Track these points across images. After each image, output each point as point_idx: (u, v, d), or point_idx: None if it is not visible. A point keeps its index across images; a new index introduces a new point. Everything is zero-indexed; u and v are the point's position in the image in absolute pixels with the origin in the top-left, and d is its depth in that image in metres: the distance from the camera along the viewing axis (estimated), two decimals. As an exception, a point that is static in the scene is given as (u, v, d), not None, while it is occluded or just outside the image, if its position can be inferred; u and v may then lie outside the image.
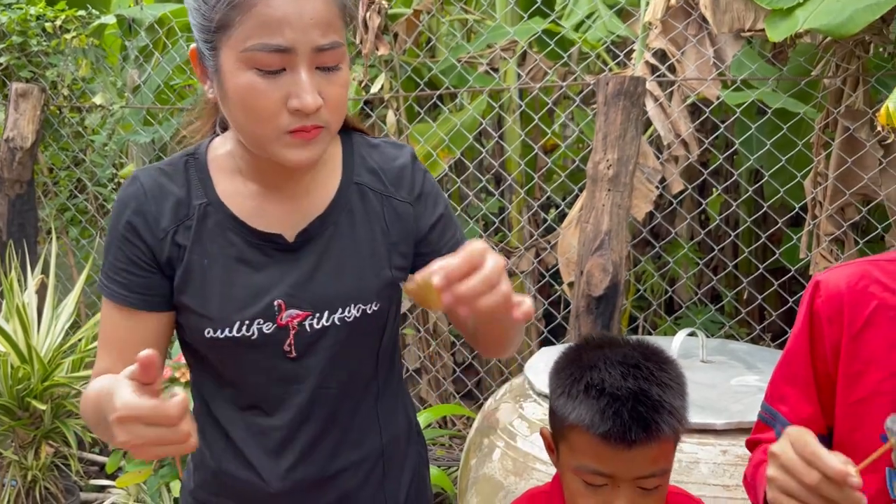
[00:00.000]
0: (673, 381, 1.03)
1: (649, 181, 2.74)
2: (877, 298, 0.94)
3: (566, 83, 3.05)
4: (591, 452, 1.00)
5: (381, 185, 1.08)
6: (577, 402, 1.01)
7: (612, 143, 2.58)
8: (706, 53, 2.64)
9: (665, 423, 0.98)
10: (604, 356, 1.03)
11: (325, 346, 1.04)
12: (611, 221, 2.62)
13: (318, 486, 1.09)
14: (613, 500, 1.00)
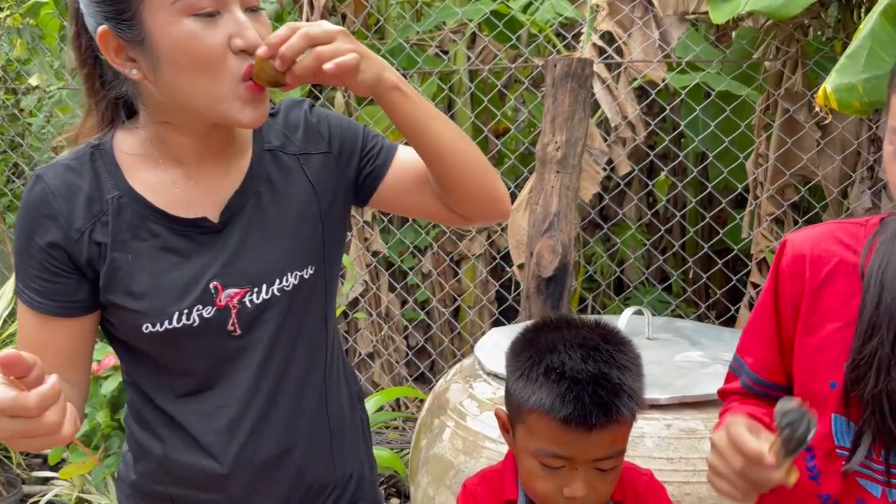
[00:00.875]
0: (631, 363, 1.03)
1: (597, 163, 2.77)
2: (837, 256, 0.99)
3: (514, 65, 3.05)
4: (550, 436, 1.00)
5: (294, 145, 1.08)
6: (537, 385, 1.00)
7: (560, 126, 2.60)
8: (652, 36, 2.67)
9: (624, 406, 0.99)
10: (563, 338, 1.03)
11: (268, 318, 1.04)
12: (559, 203, 2.64)
13: (272, 464, 1.08)
14: (570, 482, 1.01)
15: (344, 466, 1.15)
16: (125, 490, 1.13)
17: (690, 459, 1.58)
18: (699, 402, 1.65)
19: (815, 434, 0.98)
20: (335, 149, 1.10)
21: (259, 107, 0.96)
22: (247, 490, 1.06)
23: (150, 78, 0.95)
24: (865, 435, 0.95)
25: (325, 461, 1.12)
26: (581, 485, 1.00)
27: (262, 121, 0.97)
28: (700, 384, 1.68)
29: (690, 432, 1.61)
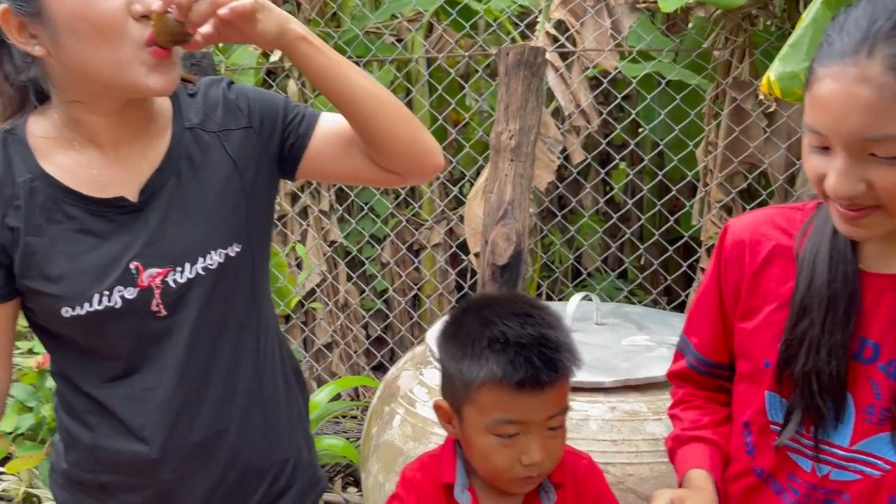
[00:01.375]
0: (560, 324, 1.08)
1: (551, 151, 2.78)
2: (774, 240, 1.02)
3: (469, 53, 3.05)
4: (504, 404, 1.02)
5: (214, 122, 1.08)
6: (484, 359, 1.02)
7: (513, 114, 2.61)
8: (604, 25, 2.69)
9: (567, 361, 1.04)
10: (494, 312, 1.06)
11: (193, 298, 1.03)
12: (514, 191, 2.65)
13: (205, 447, 1.07)
14: (528, 449, 1.03)
15: (280, 448, 1.15)
16: (57, 479, 1.11)
17: (633, 441, 1.60)
18: (643, 384, 1.68)
19: (751, 410, 1.02)
20: (255, 123, 1.09)
21: (167, 72, 0.95)
22: (178, 474, 1.05)
23: (53, 52, 0.93)
24: (795, 412, 0.97)
25: (261, 443, 1.12)
26: (537, 449, 1.03)
27: (172, 86, 0.97)
28: (644, 367, 1.71)
29: (634, 414, 1.64)
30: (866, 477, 0.94)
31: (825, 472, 0.96)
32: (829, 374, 0.93)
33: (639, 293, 3.34)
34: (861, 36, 0.80)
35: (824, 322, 0.93)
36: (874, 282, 0.94)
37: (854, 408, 0.94)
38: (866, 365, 0.94)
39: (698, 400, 1.14)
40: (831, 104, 0.82)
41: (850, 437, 0.95)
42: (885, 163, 0.81)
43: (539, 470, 1.05)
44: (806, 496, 0.98)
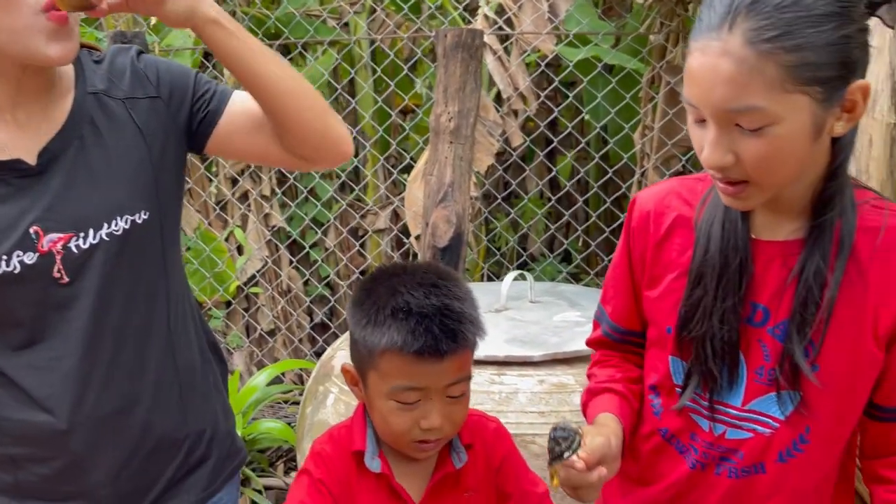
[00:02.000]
0: (467, 296, 1.09)
1: (490, 134, 2.80)
2: (676, 211, 1.04)
3: (407, 35, 3.04)
4: (404, 372, 1.03)
5: (119, 90, 1.05)
6: (386, 327, 1.04)
7: (452, 96, 2.61)
8: (542, 8, 2.71)
9: (469, 332, 1.05)
10: (402, 282, 1.07)
11: (97, 264, 1.01)
12: (454, 173, 2.66)
13: (116, 418, 1.05)
14: (428, 413, 1.04)
15: (195, 420, 1.13)
16: None
17: (561, 412, 1.63)
18: (570, 358, 1.70)
19: (658, 374, 1.05)
20: (164, 94, 1.07)
21: (66, 40, 0.93)
22: (89, 445, 1.03)
23: None
24: (693, 375, 1.01)
25: (175, 414, 1.10)
26: (437, 415, 1.04)
27: (71, 55, 0.95)
28: (572, 342, 1.74)
29: (561, 387, 1.66)
30: (757, 435, 0.98)
31: (721, 431, 1.00)
32: (722, 338, 0.96)
33: (582, 276, 3.39)
34: (724, 10, 0.83)
35: (717, 288, 0.96)
36: (764, 249, 0.96)
37: (746, 369, 0.97)
38: (757, 328, 0.96)
39: (614, 360, 1.17)
40: (699, 77, 0.84)
41: (742, 398, 0.98)
42: (749, 134, 0.84)
43: (438, 435, 1.06)
44: (704, 455, 1.01)
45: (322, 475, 1.11)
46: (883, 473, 0.96)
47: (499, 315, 1.98)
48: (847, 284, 0.92)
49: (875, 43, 2.28)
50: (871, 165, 2.17)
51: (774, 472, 0.98)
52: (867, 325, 0.92)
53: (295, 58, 3.35)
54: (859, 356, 0.92)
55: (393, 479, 1.10)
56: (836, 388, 0.93)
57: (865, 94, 0.86)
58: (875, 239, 0.91)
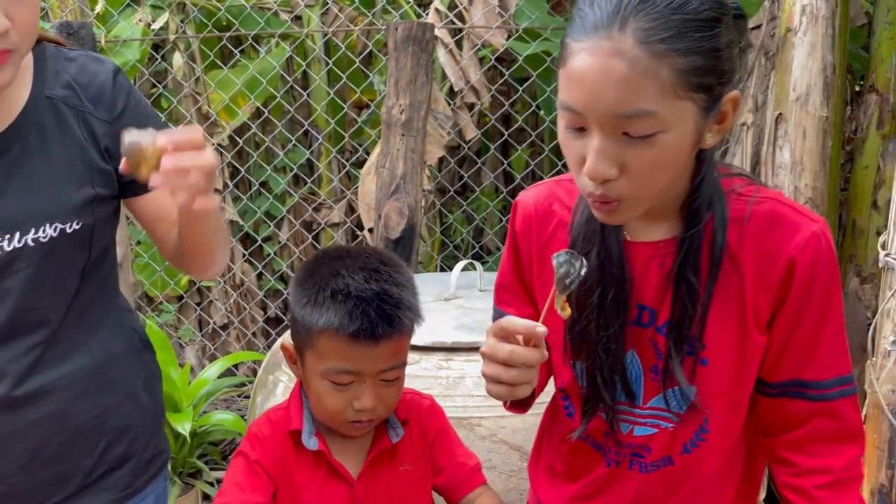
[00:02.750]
0: (408, 282, 1.11)
1: (441, 127, 2.82)
2: (557, 216, 1.03)
3: (358, 28, 3.05)
4: (340, 353, 1.05)
5: (78, 100, 1.04)
6: (325, 308, 1.05)
7: (403, 89, 2.63)
8: (492, 2, 2.74)
9: (405, 318, 1.07)
10: (344, 265, 1.09)
11: (21, 267, 1.00)
12: (405, 166, 2.68)
13: (26, 408, 1.04)
14: (360, 396, 1.07)
15: (116, 416, 1.12)
16: None
17: (507, 396, 1.66)
18: (516, 342, 1.73)
19: (564, 378, 1.06)
20: (118, 127, 1.02)
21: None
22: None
23: None
24: (594, 379, 1.00)
25: (90, 409, 1.09)
26: (370, 397, 1.07)
27: (3, 86, 0.93)
28: (519, 326, 1.77)
29: (507, 371, 1.69)
30: (662, 430, 0.99)
31: (628, 429, 1.00)
32: (609, 341, 0.96)
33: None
34: (612, 9, 0.79)
35: (603, 295, 0.95)
36: (640, 250, 0.95)
37: (642, 369, 0.98)
38: (646, 329, 0.96)
39: None
40: (587, 78, 0.79)
41: (642, 397, 0.99)
42: (637, 143, 0.80)
43: (370, 416, 1.08)
44: (616, 452, 1.03)
45: (258, 456, 1.12)
46: (782, 455, 0.98)
47: (448, 303, 2.01)
48: (724, 277, 0.92)
49: (808, 39, 2.37)
50: (805, 157, 2.26)
51: (682, 463, 1.00)
52: (748, 314, 0.93)
53: (247, 50, 3.33)
54: (745, 345, 0.94)
55: (331, 456, 1.12)
56: (727, 378, 0.96)
57: (736, 106, 0.86)
58: (740, 228, 0.92)
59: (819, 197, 2.26)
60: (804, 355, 0.94)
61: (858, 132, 2.42)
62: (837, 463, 0.95)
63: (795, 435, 0.96)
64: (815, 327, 0.93)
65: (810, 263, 0.90)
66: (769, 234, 0.91)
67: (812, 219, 0.92)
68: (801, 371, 0.94)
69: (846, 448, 0.95)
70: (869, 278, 2.41)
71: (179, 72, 2.95)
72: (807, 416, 0.95)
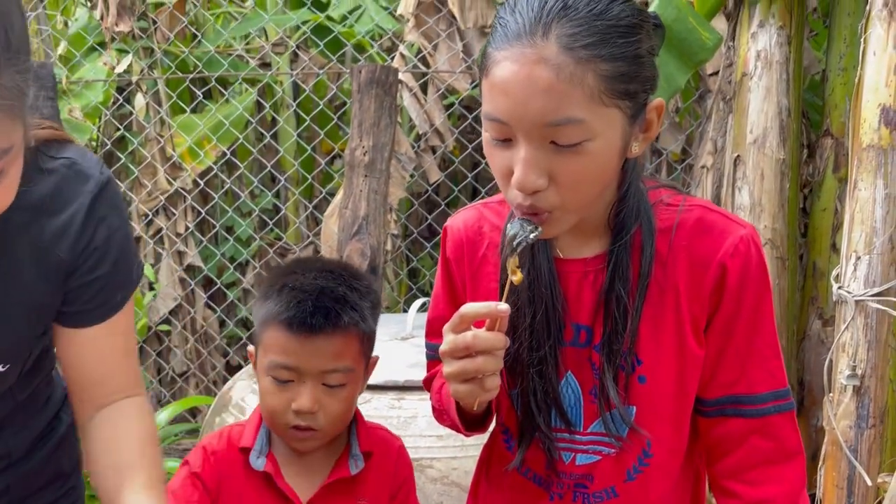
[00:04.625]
0: (363, 288, 1.10)
1: (405, 169, 2.82)
2: (487, 237, 0.99)
3: (322, 71, 3.07)
4: (279, 346, 1.04)
5: (42, 231, 0.87)
6: (271, 301, 1.06)
7: (367, 131, 2.63)
8: (455, 48, 2.78)
9: (346, 314, 1.05)
10: (304, 266, 1.13)
11: None
12: (368, 206, 2.66)
13: None
14: (298, 395, 1.04)
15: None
16: None
17: (458, 436, 1.60)
18: (470, 379, 1.69)
19: (502, 410, 1.00)
20: (83, 262, 0.90)
21: None
22: None
23: None
24: (529, 407, 0.96)
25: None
26: (308, 398, 1.04)
27: None
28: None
29: (460, 409, 1.64)
30: (604, 457, 0.94)
31: (570, 458, 0.95)
32: (543, 364, 0.92)
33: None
34: (534, 16, 0.77)
35: (534, 316, 0.91)
36: (572, 268, 0.92)
37: (581, 391, 0.94)
38: (583, 349, 0.93)
39: None
40: (511, 87, 0.77)
41: (582, 422, 0.94)
42: (565, 152, 0.78)
43: (311, 422, 1.05)
44: (559, 484, 0.97)
45: (200, 469, 1.08)
46: (724, 484, 0.93)
47: (404, 342, 1.97)
48: (656, 289, 0.89)
49: (763, 84, 2.40)
50: (764, 198, 2.27)
51: (626, 493, 0.95)
52: (685, 325, 0.90)
53: (214, 95, 3.33)
54: (684, 358, 0.91)
55: (279, 479, 1.08)
56: (667, 395, 0.92)
57: (660, 113, 0.85)
58: (670, 238, 0.89)
59: (779, 238, 2.26)
60: (738, 367, 0.90)
61: (815, 175, 2.44)
62: (779, 490, 0.91)
63: (734, 459, 0.92)
64: (748, 335, 0.90)
65: (741, 268, 0.88)
66: (699, 241, 0.89)
67: (741, 224, 0.90)
68: (735, 385, 0.91)
69: (786, 472, 0.91)
70: (830, 321, 2.39)
71: (141, 113, 2.94)
72: (742, 436, 0.91)
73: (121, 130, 3.10)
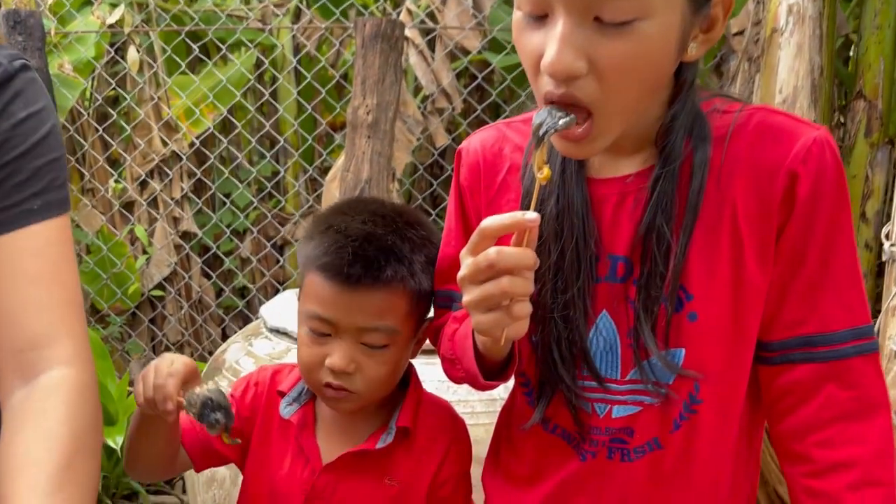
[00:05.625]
0: (418, 239, 0.96)
1: (410, 132, 2.69)
2: (508, 160, 0.87)
3: (325, 25, 2.93)
4: (315, 295, 0.94)
5: None
6: (314, 243, 0.96)
7: (370, 88, 2.50)
8: (465, 3, 2.64)
9: (390, 267, 0.92)
10: (356, 207, 1.00)
11: None
12: (371, 169, 2.53)
13: None
14: (333, 352, 0.94)
15: None
16: None
17: (469, 402, 1.49)
18: (480, 343, 1.57)
19: (523, 357, 0.87)
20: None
21: None
22: None
23: None
24: (546, 385, 0.85)
25: None
26: (342, 356, 0.93)
27: None
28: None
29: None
30: (646, 406, 0.81)
31: (605, 410, 0.83)
32: (569, 308, 0.79)
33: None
34: None
35: (562, 252, 0.79)
36: (609, 188, 0.80)
37: (618, 335, 0.81)
38: (620, 284, 0.80)
39: None
40: None
41: (620, 368, 0.82)
42: (611, 32, 0.67)
43: (345, 382, 0.94)
44: (593, 442, 0.84)
45: (239, 395, 1.03)
46: (793, 448, 0.80)
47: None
48: (710, 209, 0.76)
49: (795, 40, 2.27)
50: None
51: (671, 445, 0.82)
52: (745, 249, 0.76)
53: (213, 53, 3.19)
54: (743, 290, 0.77)
55: (305, 433, 1.00)
56: (723, 335, 0.78)
57: (727, 11, 0.73)
58: (726, 147, 0.76)
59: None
60: (809, 300, 0.76)
61: (846, 140, 2.31)
62: (861, 452, 0.76)
63: (803, 415, 0.78)
64: (822, 259, 0.75)
65: (814, 176, 0.74)
66: (762, 148, 0.76)
67: (812, 126, 0.76)
68: (805, 323, 0.77)
69: (870, 428, 0.76)
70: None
71: (134, 67, 2.80)
72: (815, 385, 0.77)
73: (112, 85, 2.96)
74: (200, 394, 0.89)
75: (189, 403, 0.89)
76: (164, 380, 0.88)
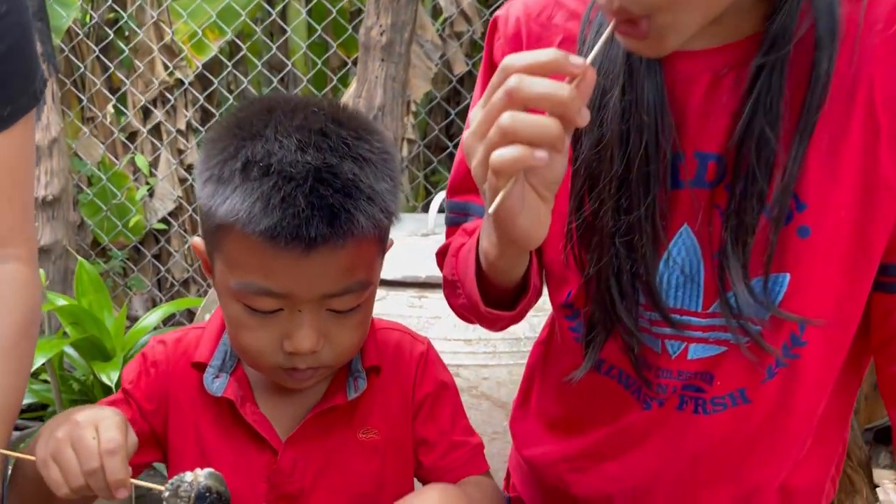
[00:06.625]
0: (375, 156, 0.71)
1: (428, 57, 2.51)
2: (561, 31, 0.70)
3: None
4: (253, 263, 0.69)
5: None
6: (231, 188, 0.68)
7: (385, 6, 2.32)
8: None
9: (362, 212, 0.68)
10: (275, 121, 0.70)
11: None
12: (385, 95, 2.37)
13: None
14: (293, 331, 0.71)
15: None
16: None
17: (490, 340, 1.37)
18: (503, 276, 1.44)
19: (572, 285, 0.73)
20: None
21: None
22: None
23: None
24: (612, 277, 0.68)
25: None
26: (308, 336, 0.71)
27: None
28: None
29: (491, 310, 1.40)
30: (732, 347, 0.67)
31: (679, 349, 0.68)
32: (637, 234, 0.64)
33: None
34: None
35: (629, 153, 0.63)
36: (700, 64, 0.62)
37: (702, 256, 0.66)
38: (708, 190, 0.64)
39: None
40: None
41: (702, 298, 0.67)
42: None
43: (312, 363, 0.74)
44: (660, 387, 0.70)
45: (132, 385, 0.80)
46: None
47: (425, 239, 1.71)
48: (838, 90, 0.60)
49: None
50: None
51: (761, 401, 0.68)
52: (881, 140, 0.60)
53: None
54: (873, 196, 0.62)
55: (247, 408, 0.78)
56: (841, 254, 0.63)
57: None
58: (860, 9, 0.59)
59: None
60: None
61: None
62: None
63: None
64: None
65: None
66: None
67: None
68: None
69: None
70: None
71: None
72: None
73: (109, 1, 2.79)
74: (194, 483, 0.65)
75: (174, 495, 0.65)
76: (101, 460, 0.63)
